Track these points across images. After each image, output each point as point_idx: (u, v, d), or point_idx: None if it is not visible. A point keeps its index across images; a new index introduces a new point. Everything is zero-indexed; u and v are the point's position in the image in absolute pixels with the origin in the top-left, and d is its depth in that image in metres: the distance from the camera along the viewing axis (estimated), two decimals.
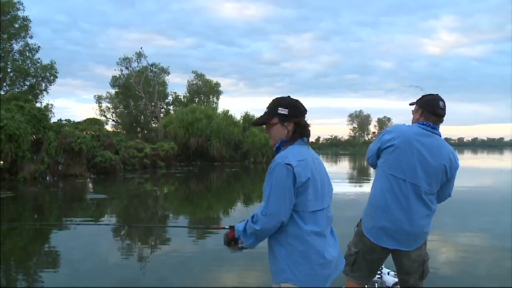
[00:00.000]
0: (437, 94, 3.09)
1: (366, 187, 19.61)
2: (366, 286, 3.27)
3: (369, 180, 24.95)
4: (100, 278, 5.87)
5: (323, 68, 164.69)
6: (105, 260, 6.91)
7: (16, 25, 30.80)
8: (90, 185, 19.82)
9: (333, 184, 2.44)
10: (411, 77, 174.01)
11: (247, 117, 41.58)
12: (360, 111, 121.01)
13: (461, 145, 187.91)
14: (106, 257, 7.11)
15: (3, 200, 13.41)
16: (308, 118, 2.42)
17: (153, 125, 48.81)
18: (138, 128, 50.58)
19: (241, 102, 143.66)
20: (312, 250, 2.18)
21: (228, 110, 41.62)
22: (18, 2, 30.36)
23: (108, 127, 48.92)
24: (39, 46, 31.51)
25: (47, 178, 20.40)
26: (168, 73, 50.19)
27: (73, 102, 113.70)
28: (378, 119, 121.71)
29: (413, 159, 2.88)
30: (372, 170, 35.12)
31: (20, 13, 30.66)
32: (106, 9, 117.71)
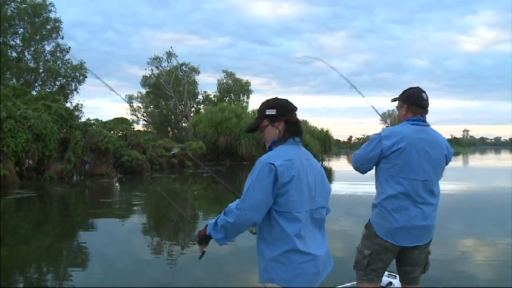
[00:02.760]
0: (418, 87, 3.15)
1: None
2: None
3: None
4: (133, 277, 5.80)
5: (356, 67, 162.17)
6: (137, 259, 6.81)
7: (48, 27, 31.37)
8: (117, 184, 19.81)
9: (366, 184, 2.20)
10: (447, 75, 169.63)
11: None
12: (393, 110, 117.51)
13: (498, 144, 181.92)
14: (138, 255, 7.06)
15: (25, 199, 13.44)
16: (341, 117, 2.43)
17: (183, 124, 48.98)
18: (169, 128, 50.89)
19: None
20: (295, 250, 2.16)
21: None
22: (50, 4, 30.92)
23: (139, 127, 49.53)
24: (69, 47, 32.14)
25: (74, 177, 20.53)
26: (199, 72, 50.39)
27: (107, 102, 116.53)
28: None
29: (419, 157, 2.93)
30: None
31: (52, 15, 31.24)
32: (141, 9, 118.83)
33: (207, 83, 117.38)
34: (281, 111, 2.34)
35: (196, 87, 51.66)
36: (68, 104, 28.26)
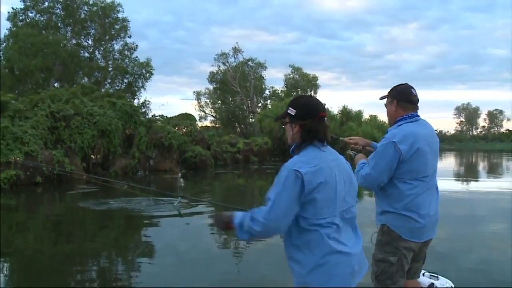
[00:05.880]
0: (407, 83, 3.15)
1: (479, 185, 17.56)
2: None
3: (478, 179, 22.48)
4: (200, 271, 5.93)
5: (429, 59, 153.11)
6: (204, 253, 6.92)
7: (117, 27, 32.37)
8: (181, 180, 19.78)
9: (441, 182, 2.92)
10: None
11: (344, 111, 40.43)
12: (468, 103, 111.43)
13: None
14: (205, 249, 7.17)
15: (90, 194, 13.63)
16: None
17: (250, 120, 48.84)
18: (236, 123, 51.00)
19: (344, 96, 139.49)
20: (329, 252, 2.12)
21: (324, 104, 40.43)
22: (118, 4, 31.89)
23: (207, 123, 50.06)
24: (136, 45, 32.92)
25: (139, 173, 20.78)
26: (265, 68, 49.96)
27: (179, 99, 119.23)
28: (489, 111, 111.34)
29: (431, 152, 2.99)
30: (482, 166, 31.98)
31: (119, 15, 32.25)
32: (210, 7, 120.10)
33: (277, 79, 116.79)
34: (300, 114, 2.26)
35: (263, 82, 51.32)
36: (135, 101, 28.92)
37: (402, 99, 3.06)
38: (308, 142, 2.22)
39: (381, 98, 3.24)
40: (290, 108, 2.29)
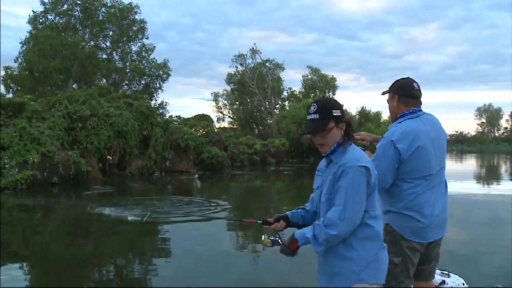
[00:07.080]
0: (408, 77, 3.06)
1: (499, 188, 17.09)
2: None
3: (500, 180, 21.90)
4: (219, 271, 5.92)
5: (449, 60, 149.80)
6: (221, 254, 6.88)
7: (135, 28, 32.51)
8: (197, 181, 19.67)
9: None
10: None
11: (363, 112, 40.02)
12: (490, 104, 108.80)
13: None
14: (222, 250, 7.11)
15: (106, 195, 13.59)
16: (433, 113, 2.97)
17: (269, 121, 48.65)
18: (254, 125, 50.83)
19: (363, 97, 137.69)
20: (381, 248, 2.25)
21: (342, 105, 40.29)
22: (135, 6, 32.05)
23: (225, 124, 49.98)
24: (154, 46, 33.03)
25: (155, 173, 20.72)
26: (283, 69, 49.74)
27: (198, 100, 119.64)
28: (511, 112, 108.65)
29: (434, 148, 2.89)
30: (505, 168, 31.26)
31: (137, 17, 32.40)
32: (228, 9, 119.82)
33: (295, 80, 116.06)
34: (344, 112, 2.34)
35: (281, 83, 51.11)
36: (152, 102, 29.00)
37: (404, 94, 2.96)
38: (352, 136, 2.31)
39: (383, 93, 3.13)
40: (335, 110, 2.29)
